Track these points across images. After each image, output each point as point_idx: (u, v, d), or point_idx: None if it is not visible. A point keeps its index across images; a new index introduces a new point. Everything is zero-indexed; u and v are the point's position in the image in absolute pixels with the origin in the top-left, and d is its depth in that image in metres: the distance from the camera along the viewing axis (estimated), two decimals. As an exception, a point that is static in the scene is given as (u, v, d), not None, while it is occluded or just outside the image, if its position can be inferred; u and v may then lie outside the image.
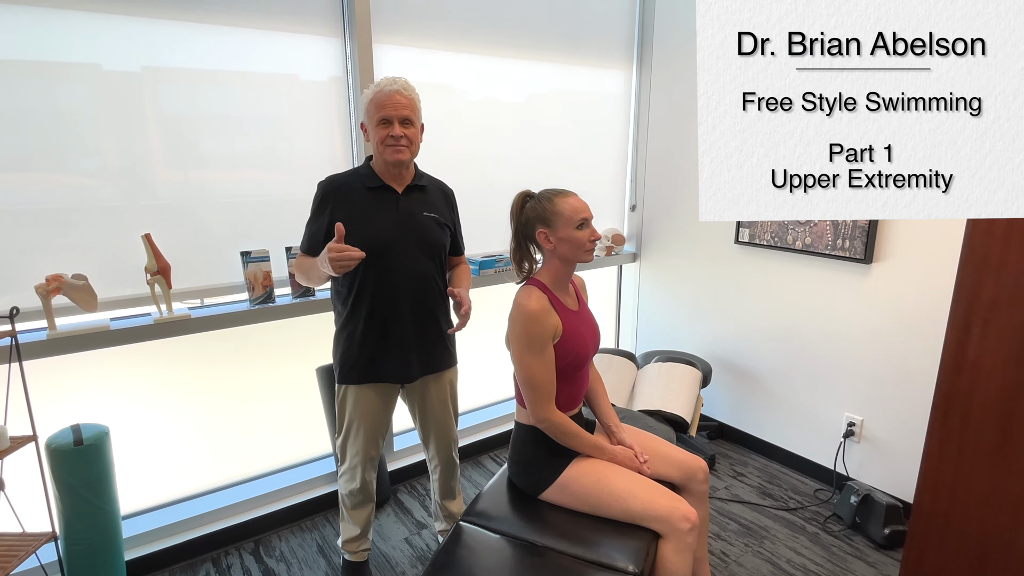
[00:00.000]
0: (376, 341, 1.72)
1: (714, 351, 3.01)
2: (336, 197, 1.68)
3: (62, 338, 1.71)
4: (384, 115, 1.62)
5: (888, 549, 2.19)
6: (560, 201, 1.52)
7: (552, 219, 1.51)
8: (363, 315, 1.70)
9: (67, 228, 1.78)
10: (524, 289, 1.54)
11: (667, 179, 3.11)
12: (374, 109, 1.64)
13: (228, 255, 2.06)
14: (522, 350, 1.49)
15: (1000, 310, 1.61)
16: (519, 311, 1.49)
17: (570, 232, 1.50)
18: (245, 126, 2.02)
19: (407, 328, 1.74)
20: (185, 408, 2.12)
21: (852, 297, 2.42)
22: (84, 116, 1.76)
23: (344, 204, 1.67)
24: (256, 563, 2.08)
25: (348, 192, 1.69)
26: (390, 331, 1.72)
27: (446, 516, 2.06)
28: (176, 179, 1.93)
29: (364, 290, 1.68)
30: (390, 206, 1.71)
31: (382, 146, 1.65)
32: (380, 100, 1.63)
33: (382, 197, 1.71)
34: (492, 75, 2.61)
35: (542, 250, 1.59)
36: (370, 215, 1.67)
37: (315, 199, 1.71)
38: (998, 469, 1.67)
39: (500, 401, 3.11)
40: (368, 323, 1.70)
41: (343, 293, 1.72)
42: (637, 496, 1.51)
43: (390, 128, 1.63)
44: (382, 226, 1.68)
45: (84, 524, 1.71)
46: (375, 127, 1.65)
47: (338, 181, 1.71)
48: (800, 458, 2.70)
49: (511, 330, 1.52)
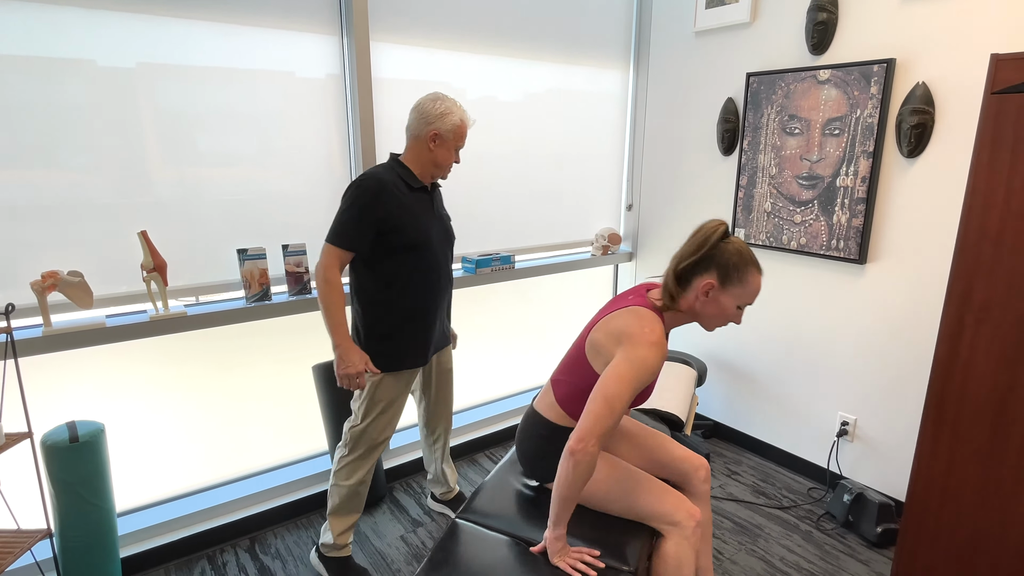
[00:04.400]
0: (414, 331, 1.87)
1: (709, 350, 3.02)
2: (389, 195, 1.75)
3: (57, 335, 1.71)
4: (461, 145, 1.87)
5: (880, 547, 2.21)
6: (754, 274, 1.37)
7: (732, 281, 1.37)
8: (404, 307, 1.84)
9: (63, 225, 1.77)
10: (658, 323, 1.37)
11: (663, 179, 3.12)
12: (459, 136, 1.84)
13: (224, 252, 2.06)
14: (627, 375, 1.30)
15: (992, 311, 1.63)
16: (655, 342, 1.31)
17: (732, 306, 1.39)
18: (242, 123, 2.02)
19: (439, 317, 1.94)
20: (181, 406, 2.12)
21: (846, 297, 2.43)
22: (79, 112, 1.75)
23: (395, 202, 1.76)
24: (252, 560, 2.08)
25: (394, 191, 1.77)
26: (426, 321, 1.89)
27: (448, 481, 2.34)
28: (172, 176, 1.93)
29: (408, 285, 1.82)
30: (427, 206, 1.87)
31: (445, 166, 1.86)
32: (464, 131, 1.85)
33: (420, 197, 1.85)
34: (489, 74, 2.61)
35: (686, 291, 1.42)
36: (417, 214, 1.81)
37: (363, 195, 1.72)
38: (990, 468, 1.69)
39: (495, 400, 3.11)
40: (409, 314, 1.85)
41: (381, 287, 1.81)
42: (642, 493, 1.49)
43: (458, 156, 1.88)
44: (427, 226, 1.84)
45: (79, 521, 1.71)
46: (450, 149, 1.84)
47: (385, 179, 1.76)
48: (794, 457, 2.72)
49: (631, 350, 1.31)
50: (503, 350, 3.05)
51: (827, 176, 2.39)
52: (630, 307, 1.41)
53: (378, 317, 1.83)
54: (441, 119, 1.80)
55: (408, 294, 1.83)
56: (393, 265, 1.79)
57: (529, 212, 2.91)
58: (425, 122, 1.80)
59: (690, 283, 1.41)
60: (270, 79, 2.05)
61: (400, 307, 1.83)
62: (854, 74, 2.25)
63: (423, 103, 1.82)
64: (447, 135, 1.81)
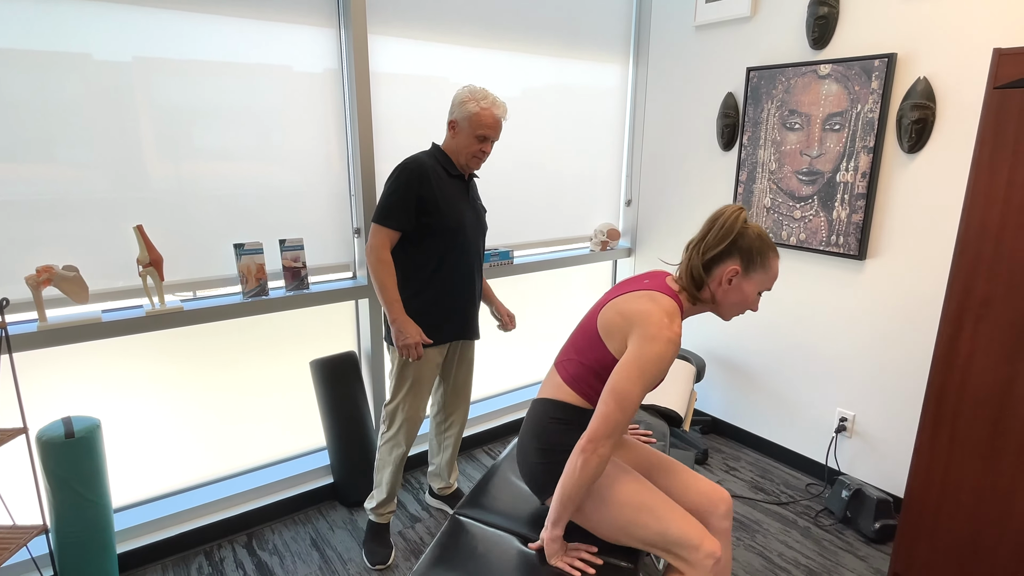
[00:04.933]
0: (448, 307, 1.97)
1: (708, 346, 3.02)
2: (427, 178, 1.84)
3: (53, 330, 1.70)
4: (486, 134, 1.89)
5: (878, 543, 2.21)
6: (773, 259, 1.34)
7: (756, 266, 1.33)
8: (441, 285, 1.94)
9: (58, 219, 1.76)
10: (678, 314, 1.30)
11: (662, 174, 3.11)
12: (479, 124, 1.87)
13: (221, 247, 2.05)
14: (640, 373, 1.24)
15: (993, 307, 1.62)
16: (672, 338, 1.25)
17: (753, 292, 1.34)
18: (239, 118, 2.00)
19: (471, 297, 2.04)
20: (178, 401, 2.11)
21: (845, 293, 2.43)
22: (75, 107, 1.73)
23: (436, 184, 1.87)
24: (249, 556, 2.08)
25: (434, 175, 1.87)
26: (459, 299, 1.99)
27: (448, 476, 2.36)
28: (168, 171, 1.91)
29: (445, 264, 1.92)
30: (463, 193, 1.97)
31: (470, 155, 1.92)
32: (489, 121, 1.88)
33: (457, 185, 1.95)
34: (488, 68, 2.59)
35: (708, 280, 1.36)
36: (454, 199, 1.91)
37: (406, 175, 1.82)
38: (988, 464, 1.69)
39: (493, 396, 3.11)
40: (444, 292, 1.95)
41: (415, 266, 1.91)
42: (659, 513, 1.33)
43: (485, 145, 1.92)
44: (463, 210, 1.94)
45: (75, 517, 1.70)
46: (472, 137, 1.89)
47: (426, 163, 1.86)
48: (792, 453, 2.72)
49: (647, 346, 1.25)
50: (501, 346, 3.04)
51: (827, 171, 2.38)
52: (649, 291, 1.32)
53: (417, 292, 1.92)
54: (460, 107, 1.88)
55: (440, 275, 1.93)
56: (428, 245, 1.89)
57: (528, 208, 2.90)
58: (449, 111, 1.93)
59: (712, 272, 1.35)
60: (267, 73, 2.03)
61: (432, 286, 1.93)
62: (855, 69, 2.24)
63: (456, 92, 1.94)
64: (463, 123, 1.88)
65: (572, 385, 1.42)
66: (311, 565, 2.04)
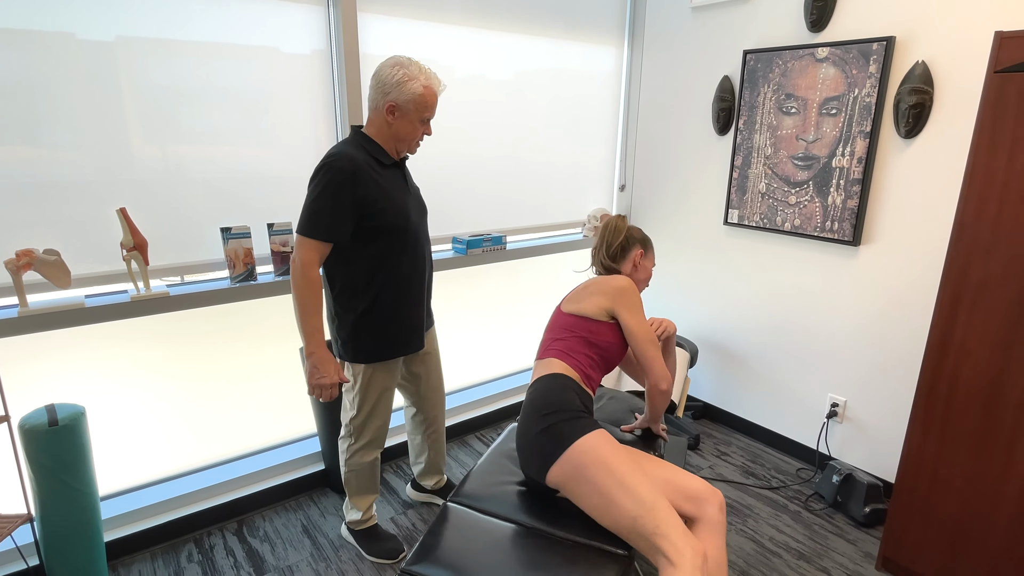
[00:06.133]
0: (403, 318, 1.79)
1: (701, 332, 3.01)
2: (362, 176, 1.61)
3: (34, 315, 1.65)
4: (430, 116, 1.69)
5: (868, 527, 2.23)
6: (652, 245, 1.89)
7: (649, 248, 1.83)
8: (391, 296, 1.74)
9: (38, 202, 1.70)
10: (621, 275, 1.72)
11: (657, 159, 3.08)
12: (423, 106, 1.65)
13: (208, 231, 2.00)
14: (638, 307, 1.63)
15: (988, 292, 1.62)
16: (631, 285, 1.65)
17: (651, 268, 1.83)
18: (225, 99, 1.95)
19: (424, 300, 1.86)
20: (166, 388, 2.07)
21: (839, 279, 2.42)
22: (57, 87, 1.67)
23: (369, 184, 1.63)
24: (239, 543, 2.06)
25: (367, 171, 1.63)
26: (413, 306, 1.81)
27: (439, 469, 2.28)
28: (153, 153, 1.86)
29: (394, 270, 1.73)
30: (401, 183, 1.75)
31: (409, 140, 1.70)
32: (432, 101, 1.67)
33: (393, 175, 1.73)
34: (480, 49, 2.54)
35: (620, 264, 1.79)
36: (392, 195, 1.69)
37: (337, 177, 1.58)
38: (980, 450, 1.70)
39: (486, 382, 3.09)
40: (398, 301, 1.76)
41: (365, 276, 1.70)
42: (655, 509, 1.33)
43: (428, 128, 1.72)
44: (404, 204, 1.72)
45: (60, 506, 1.67)
46: (415, 121, 1.67)
47: (357, 159, 1.61)
48: (783, 438, 2.73)
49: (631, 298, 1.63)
50: (494, 331, 3.02)
51: (823, 156, 2.36)
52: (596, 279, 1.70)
53: (368, 307, 1.72)
54: (399, 88, 1.62)
55: (396, 279, 1.74)
56: (376, 250, 1.68)
57: (521, 192, 2.86)
58: (382, 92, 1.64)
59: (622, 261, 1.78)
60: (254, 54, 1.97)
61: (389, 293, 1.73)
62: (853, 52, 2.21)
63: (380, 70, 1.64)
64: (406, 106, 1.64)
65: (563, 358, 1.59)
66: (302, 552, 2.03)
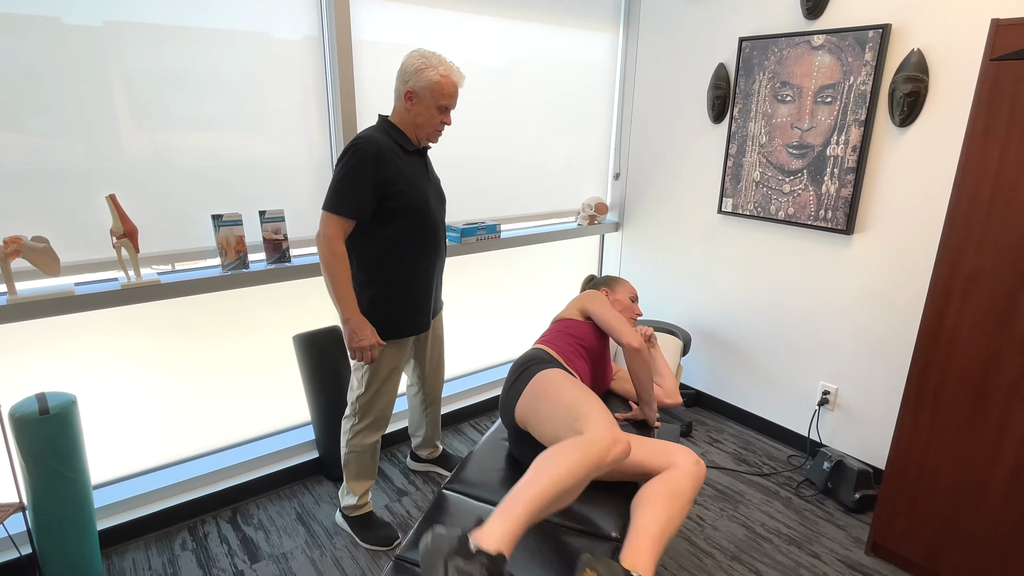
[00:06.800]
0: (419, 297, 1.87)
1: (694, 320, 3.02)
2: (385, 159, 1.69)
3: (23, 303, 1.63)
4: (448, 104, 1.76)
5: (858, 513, 2.25)
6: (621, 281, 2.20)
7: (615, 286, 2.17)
8: (407, 274, 1.82)
9: (26, 189, 1.68)
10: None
11: (651, 147, 3.07)
12: (439, 94, 1.73)
13: (199, 219, 1.98)
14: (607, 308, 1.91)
15: (980, 280, 1.63)
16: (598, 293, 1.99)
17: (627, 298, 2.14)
18: (215, 86, 1.92)
19: (438, 278, 1.95)
20: (159, 376, 2.06)
21: (831, 268, 2.43)
22: (43, 73, 1.64)
23: (391, 166, 1.71)
24: (234, 531, 2.06)
25: (390, 154, 1.71)
26: (428, 286, 1.89)
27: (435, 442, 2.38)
28: (143, 140, 1.83)
29: (409, 250, 1.80)
30: (422, 169, 1.83)
31: (431, 128, 1.79)
32: (450, 90, 1.74)
33: (415, 161, 1.81)
34: (474, 35, 2.51)
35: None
36: (413, 180, 1.77)
37: (363, 159, 1.66)
38: (969, 437, 1.71)
39: (480, 370, 3.10)
40: (411, 280, 1.84)
41: (382, 255, 1.78)
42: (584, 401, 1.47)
43: (447, 116, 1.79)
44: (424, 190, 1.80)
45: (52, 494, 1.66)
46: (433, 108, 1.75)
47: (382, 142, 1.70)
48: (775, 425, 2.75)
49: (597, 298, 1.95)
50: (488, 320, 3.02)
51: (818, 145, 2.36)
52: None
53: (382, 285, 1.80)
54: (416, 75, 1.71)
55: (410, 260, 1.81)
56: (394, 231, 1.76)
57: (515, 181, 2.85)
58: (402, 80, 1.75)
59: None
60: (245, 40, 1.94)
61: (402, 274, 1.81)
62: (848, 40, 2.20)
63: (404, 59, 1.76)
64: (423, 93, 1.73)
65: (547, 344, 1.85)
66: (297, 539, 2.03)
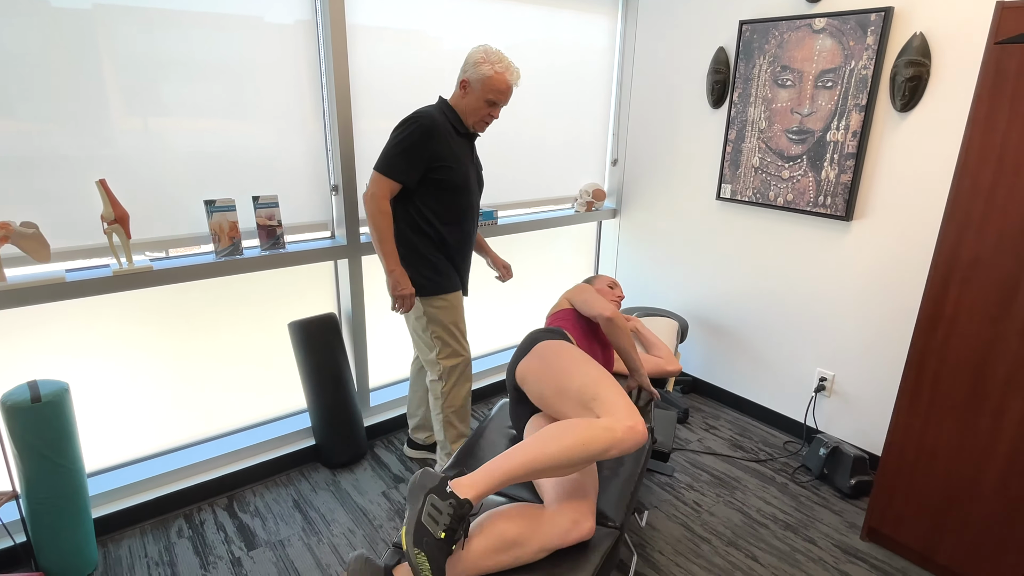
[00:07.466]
0: (460, 260, 2.05)
1: (691, 307, 3.02)
2: (441, 134, 1.85)
3: (13, 290, 1.61)
4: (497, 99, 1.90)
5: (853, 498, 2.27)
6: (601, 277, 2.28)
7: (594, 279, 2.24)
8: (454, 239, 1.99)
9: (14, 175, 1.65)
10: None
11: (650, 133, 3.04)
12: (490, 88, 1.87)
13: (192, 205, 1.95)
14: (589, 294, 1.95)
15: (980, 267, 1.62)
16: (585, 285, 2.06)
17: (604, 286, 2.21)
18: (207, 70, 1.88)
19: (468, 254, 2.11)
20: (153, 364, 2.04)
21: (829, 255, 2.42)
22: (32, 57, 1.60)
23: (445, 142, 1.87)
24: (230, 518, 2.06)
25: (444, 132, 1.87)
26: (466, 253, 2.08)
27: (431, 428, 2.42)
28: (134, 125, 1.79)
29: (456, 220, 1.97)
30: (468, 151, 2.00)
31: (478, 118, 1.93)
32: (502, 86, 1.88)
33: (464, 143, 1.97)
34: (471, 19, 2.47)
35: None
36: (461, 157, 1.93)
37: (417, 131, 1.81)
38: (966, 422, 1.72)
39: (478, 357, 3.09)
40: (456, 245, 2.01)
41: (425, 220, 1.93)
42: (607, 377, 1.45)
43: (494, 110, 1.93)
44: (469, 168, 1.97)
45: (46, 482, 1.65)
46: (483, 100, 1.89)
47: (438, 119, 1.86)
48: (771, 412, 2.76)
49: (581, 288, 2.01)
50: (486, 307, 3.00)
51: (818, 130, 2.34)
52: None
53: (425, 247, 1.95)
54: (474, 68, 1.86)
55: (448, 229, 1.96)
56: (437, 201, 1.91)
57: (512, 167, 2.82)
58: (462, 69, 1.91)
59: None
60: (237, 24, 1.90)
61: (451, 239, 1.98)
62: (850, 23, 2.17)
63: (470, 51, 1.92)
64: (475, 84, 1.87)
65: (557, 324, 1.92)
66: (293, 526, 2.03)
